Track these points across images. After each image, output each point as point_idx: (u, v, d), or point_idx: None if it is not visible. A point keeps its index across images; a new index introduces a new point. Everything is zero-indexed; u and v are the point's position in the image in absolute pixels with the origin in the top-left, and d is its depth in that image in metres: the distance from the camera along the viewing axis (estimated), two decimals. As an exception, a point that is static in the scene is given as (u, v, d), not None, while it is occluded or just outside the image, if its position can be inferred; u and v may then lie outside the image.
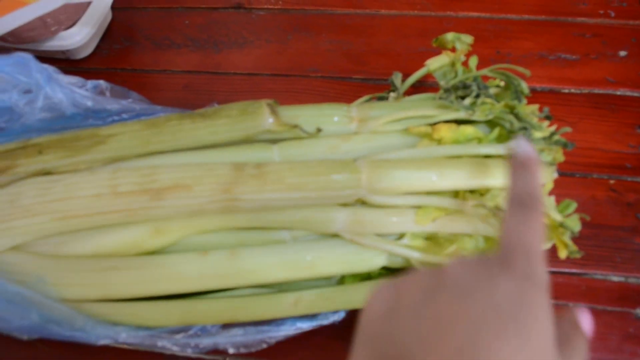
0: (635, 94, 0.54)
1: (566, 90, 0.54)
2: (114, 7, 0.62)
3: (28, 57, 0.42)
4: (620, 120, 0.52)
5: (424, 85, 0.55)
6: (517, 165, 0.27)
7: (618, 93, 0.54)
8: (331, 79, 0.57)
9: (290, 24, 0.62)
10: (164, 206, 0.37)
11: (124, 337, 0.39)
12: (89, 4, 0.59)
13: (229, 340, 0.41)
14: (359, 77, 0.57)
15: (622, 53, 0.56)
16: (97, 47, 0.62)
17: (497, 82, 0.46)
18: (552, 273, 0.45)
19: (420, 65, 0.48)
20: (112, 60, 0.61)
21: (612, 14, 0.58)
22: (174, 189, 0.37)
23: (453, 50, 0.47)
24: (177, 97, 0.57)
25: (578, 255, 0.37)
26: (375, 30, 0.60)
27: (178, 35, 0.62)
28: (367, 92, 0.50)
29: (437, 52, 0.48)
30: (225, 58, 0.60)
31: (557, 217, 0.37)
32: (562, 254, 0.37)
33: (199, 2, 0.65)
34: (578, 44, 0.57)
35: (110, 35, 0.63)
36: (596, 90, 0.54)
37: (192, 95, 0.58)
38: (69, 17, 0.57)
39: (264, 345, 0.42)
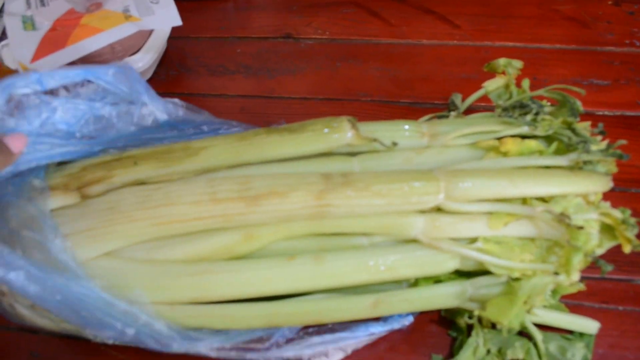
0: (664, 116, 0.58)
1: (600, 113, 0.59)
2: (168, 37, 0.66)
3: (128, 67, 0.45)
4: (652, 139, 0.57)
5: (470, 108, 0.59)
6: None
7: (648, 115, 0.59)
8: (380, 102, 0.61)
9: (338, 52, 0.66)
10: (259, 212, 0.40)
11: (213, 350, 0.41)
12: (151, 31, 0.63)
13: (310, 350, 0.43)
14: (406, 101, 0.61)
15: (650, 79, 0.61)
16: (155, 72, 0.65)
17: (544, 102, 0.50)
18: (601, 279, 0.48)
19: (464, 90, 0.52)
20: (170, 85, 0.65)
21: (638, 44, 0.64)
22: (269, 195, 0.40)
23: (503, 74, 0.51)
24: (235, 120, 0.61)
25: (640, 249, 0.40)
26: (418, 58, 0.65)
27: (231, 63, 0.66)
28: (415, 114, 0.54)
29: (479, 78, 0.52)
30: (278, 83, 0.64)
31: (618, 214, 0.40)
32: (627, 248, 0.40)
33: (250, 32, 0.69)
34: (608, 71, 0.62)
35: (166, 62, 0.67)
36: (628, 113, 0.59)
37: (248, 117, 0.61)
38: (134, 44, 0.61)
39: (342, 354, 0.44)
